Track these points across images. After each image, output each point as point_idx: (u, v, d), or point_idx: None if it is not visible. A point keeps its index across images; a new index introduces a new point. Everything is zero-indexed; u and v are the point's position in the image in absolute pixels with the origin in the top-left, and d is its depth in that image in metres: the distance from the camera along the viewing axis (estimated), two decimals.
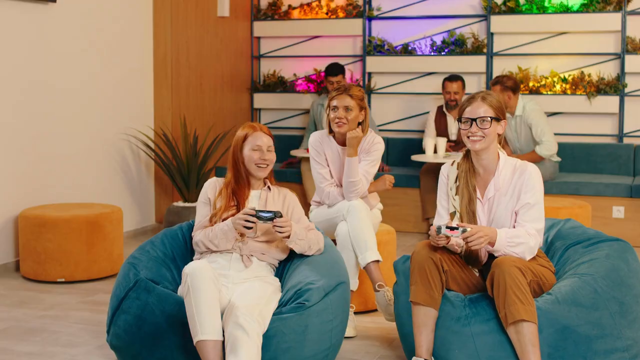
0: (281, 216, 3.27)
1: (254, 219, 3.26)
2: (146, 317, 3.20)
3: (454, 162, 3.44)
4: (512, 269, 3.05)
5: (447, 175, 3.42)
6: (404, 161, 7.14)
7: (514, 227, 3.27)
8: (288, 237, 3.35)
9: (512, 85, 6.24)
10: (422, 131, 7.21)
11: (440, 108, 6.83)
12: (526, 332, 2.99)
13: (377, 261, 4.00)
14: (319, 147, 4.25)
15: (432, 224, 6.41)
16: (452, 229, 3.07)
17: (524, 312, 2.99)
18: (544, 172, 6.20)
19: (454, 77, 6.67)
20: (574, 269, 3.38)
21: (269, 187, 3.59)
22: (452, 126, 6.73)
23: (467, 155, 3.39)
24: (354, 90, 4.12)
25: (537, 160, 6.21)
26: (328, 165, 4.25)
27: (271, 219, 3.25)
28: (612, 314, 3.17)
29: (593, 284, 3.21)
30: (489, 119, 3.22)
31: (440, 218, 3.43)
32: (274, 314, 3.14)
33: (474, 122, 3.23)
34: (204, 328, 2.96)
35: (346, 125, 4.10)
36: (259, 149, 3.50)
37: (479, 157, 3.30)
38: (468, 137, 3.25)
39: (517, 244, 3.17)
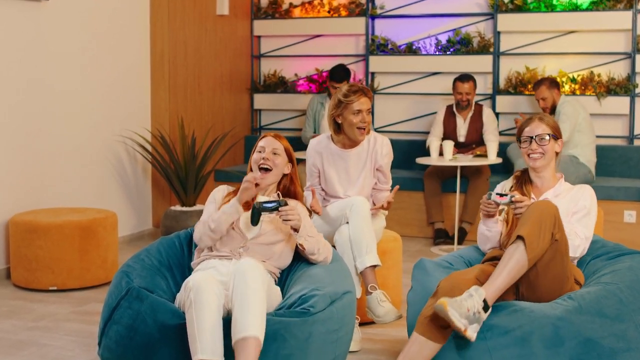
0: (286, 204, 3.18)
1: (258, 178, 3.29)
2: (138, 326, 3.05)
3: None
4: (551, 210, 3.05)
5: (503, 185, 3.59)
6: (408, 164, 6.99)
7: None
8: (297, 230, 3.24)
9: (554, 80, 6.31)
10: (427, 132, 7.04)
11: (449, 108, 6.69)
12: (515, 257, 2.97)
13: (376, 266, 3.83)
14: (316, 158, 4.15)
15: (437, 228, 6.37)
16: (501, 195, 3.25)
17: (530, 235, 2.96)
18: (583, 178, 6.05)
19: (465, 77, 6.51)
20: (596, 279, 3.23)
21: (278, 195, 3.49)
22: (462, 128, 6.59)
23: (525, 171, 3.57)
24: (368, 91, 4.05)
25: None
26: (319, 177, 4.16)
27: (276, 209, 3.17)
28: (637, 326, 3.00)
29: (618, 293, 3.04)
30: (547, 136, 3.43)
31: None
32: (276, 315, 2.98)
33: (533, 140, 3.43)
34: (204, 347, 2.80)
35: (366, 129, 4.05)
36: (262, 150, 3.46)
37: (538, 174, 3.48)
38: (528, 155, 3.45)
39: None
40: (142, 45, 6.45)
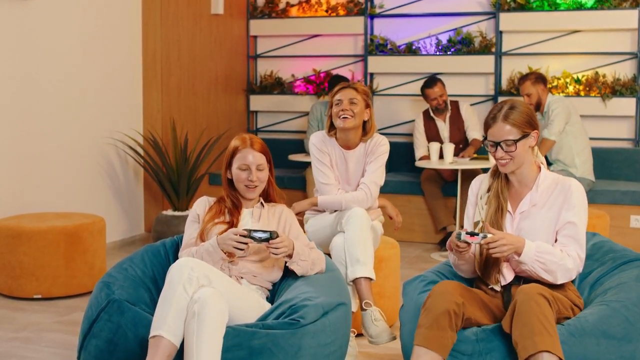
0: (277, 236, 2.98)
1: (248, 240, 2.97)
2: (118, 341, 2.91)
3: (489, 170, 3.18)
4: (538, 297, 2.69)
5: (479, 184, 3.15)
6: (408, 167, 6.84)
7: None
8: (290, 256, 3.08)
9: (541, 76, 6.01)
10: None
11: (426, 113, 6.50)
12: None
13: (369, 279, 3.65)
14: (322, 146, 3.97)
15: (450, 232, 6.14)
16: (472, 234, 2.85)
17: (551, 343, 2.61)
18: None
19: (432, 82, 6.35)
20: (600, 295, 3.02)
21: (262, 204, 3.32)
22: (444, 130, 6.43)
23: None
24: (358, 84, 3.90)
25: (550, 146, 5.85)
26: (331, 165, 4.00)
27: (267, 240, 2.97)
28: None
29: (624, 312, 2.83)
30: (515, 141, 2.95)
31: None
32: (263, 326, 2.82)
33: (498, 146, 2.98)
34: None
35: (352, 119, 3.83)
36: (247, 168, 3.22)
37: (513, 173, 3.05)
38: (496, 159, 3.03)
39: (547, 261, 2.87)
40: (134, 44, 6.30)
